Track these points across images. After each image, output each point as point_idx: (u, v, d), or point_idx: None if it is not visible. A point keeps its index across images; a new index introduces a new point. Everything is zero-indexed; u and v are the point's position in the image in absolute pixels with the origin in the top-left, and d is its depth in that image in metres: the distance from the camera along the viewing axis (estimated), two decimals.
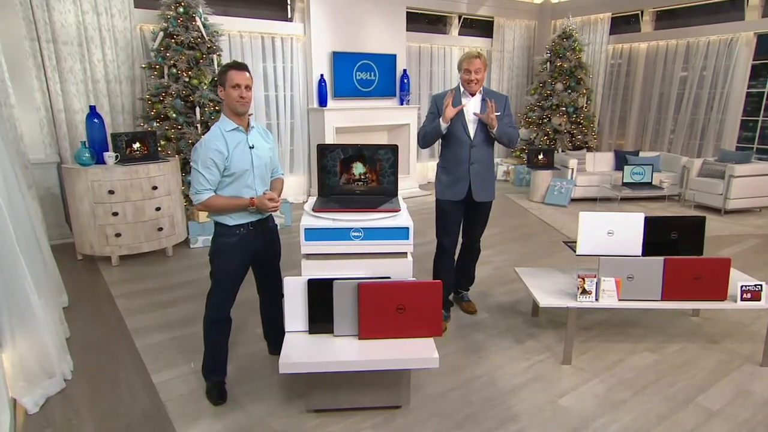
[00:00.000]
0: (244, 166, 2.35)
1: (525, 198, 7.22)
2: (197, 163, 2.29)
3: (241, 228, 2.41)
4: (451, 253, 3.30)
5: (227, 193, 2.36)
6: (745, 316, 3.45)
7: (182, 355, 2.96)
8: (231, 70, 2.30)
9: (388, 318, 2.26)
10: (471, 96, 3.11)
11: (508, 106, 3.19)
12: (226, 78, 2.29)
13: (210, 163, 2.28)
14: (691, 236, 3.08)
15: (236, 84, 2.28)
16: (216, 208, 2.35)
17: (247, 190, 2.39)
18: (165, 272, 4.31)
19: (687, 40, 7.54)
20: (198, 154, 2.29)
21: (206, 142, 2.29)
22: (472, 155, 3.12)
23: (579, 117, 8.12)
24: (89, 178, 4.23)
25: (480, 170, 3.14)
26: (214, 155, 2.27)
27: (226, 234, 2.40)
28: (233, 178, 2.35)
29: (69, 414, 2.42)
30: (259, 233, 2.48)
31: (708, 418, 2.40)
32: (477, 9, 8.41)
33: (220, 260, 2.42)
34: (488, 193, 3.21)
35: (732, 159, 6.33)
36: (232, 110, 2.34)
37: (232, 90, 2.29)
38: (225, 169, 2.32)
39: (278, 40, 6.44)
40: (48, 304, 2.68)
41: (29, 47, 4.71)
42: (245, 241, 2.42)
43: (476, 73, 3.02)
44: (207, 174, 2.29)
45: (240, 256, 2.43)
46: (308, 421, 2.37)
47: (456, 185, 3.15)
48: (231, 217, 2.39)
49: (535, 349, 3.04)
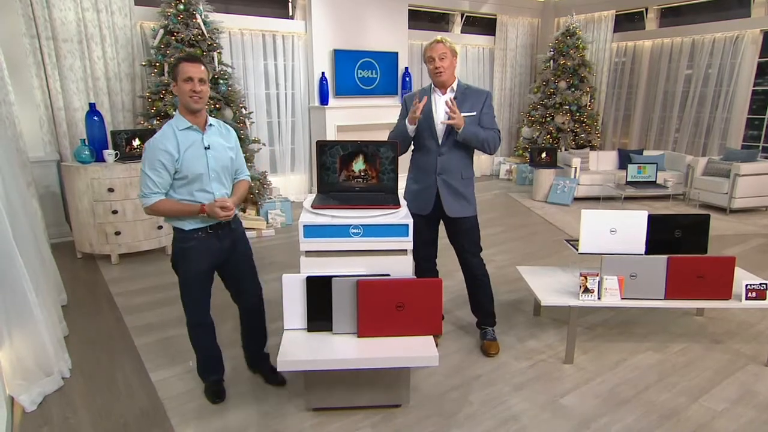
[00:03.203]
0: (197, 169, 2.16)
1: (528, 197, 7.18)
2: (144, 164, 2.12)
3: (198, 232, 2.24)
4: (427, 268, 2.97)
5: (180, 195, 2.19)
6: (750, 315, 3.41)
7: (180, 353, 2.93)
8: (183, 62, 2.12)
9: (388, 316, 2.23)
10: (442, 92, 2.75)
11: (489, 104, 2.76)
12: (178, 71, 2.11)
13: (158, 165, 2.10)
14: (695, 235, 3.04)
15: (188, 77, 2.10)
16: (165, 212, 2.18)
17: (202, 194, 2.20)
18: (164, 271, 4.29)
19: (692, 38, 7.48)
20: (146, 155, 2.12)
21: (154, 141, 2.12)
22: (440, 164, 2.74)
23: (582, 115, 8.06)
24: (89, 175, 4.21)
25: (450, 181, 2.75)
26: (162, 156, 2.10)
27: (184, 239, 2.24)
28: (186, 181, 2.17)
29: (66, 412, 2.40)
30: (220, 237, 2.30)
31: (712, 419, 2.36)
32: (480, 6, 8.37)
33: (182, 265, 2.27)
34: (463, 208, 2.79)
35: (737, 158, 6.26)
36: (185, 106, 2.16)
37: (183, 84, 2.11)
38: (176, 171, 2.14)
39: (279, 38, 6.42)
40: (46, 303, 2.67)
41: (29, 44, 4.69)
42: (205, 245, 2.26)
43: (440, 59, 2.63)
44: (154, 176, 2.11)
45: (201, 260, 2.27)
46: (307, 420, 2.34)
47: (421, 198, 2.79)
48: (187, 222, 2.22)
49: (536, 349, 3.00)
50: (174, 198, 2.20)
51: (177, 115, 2.19)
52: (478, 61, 8.69)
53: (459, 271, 3.03)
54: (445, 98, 2.70)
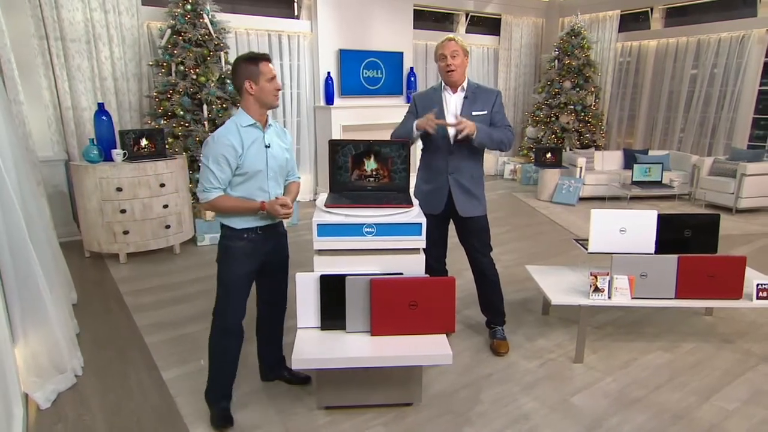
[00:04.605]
0: (257, 166, 2.17)
1: (533, 197, 7.18)
2: (207, 158, 2.11)
3: (249, 232, 2.23)
4: (437, 268, 2.97)
5: (238, 193, 2.19)
6: (760, 315, 3.41)
7: (191, 352, 2.95)
8: (262, 62, 2.13)
9: (401, 314, 2.24)
10: (453, 91, 2.75)
11: (499, 103, 2.77)
12: (259, 71, 2.11)
13: (221, 160, 2.10)
14: (704, 234, 3.04)
15: (273, 76, 2.15)
16: (224, 209, 2.18)
17: (259, 192, 2.22)
18: (173, 270, 4.31)
19: (698, 38, 7.47)
20: (209, 149, 2.11)
21: (219, 136, 2.11)
22: (451, 164, 2.75)
23: (587, 115, 8.06)
24: (97, 175, 4.23)
25: (461, 181, 2.76)
26: (226, 151, 2.09)
27: (233, 237, 2.22)
28: (245, 178, 2.17)
29: (80, 410, 2.42)
30: (268, 238, 2.30)
31: (724, 418, 2.37)
32: (484, 6, 8.37)
33: (226, 264, 2.25)
34: (475, 207, 2.81)
35: (744, 157, 6.26)
36: (267, 105, 2.18)
37: (268, 83, 2.13)
38: (237, 167, 2.14)
39: (285, 38, 6.43)
40: (58, 301, 2.68)
41: (38, 45, 4.71)
42: (252, 246, 2.25)
43: (452, 57, 2.62)
44: (217, 171, 2.11)
45: (247, 262, 2.25)
46: (319, 419, 2.35)
47: (433, 198, 2.79)
48: (239, 220, 2.21)
49: (546, 348, 3.01)
50: (231, 195, 2.19)
51: (240, 112, 2.19)
52: (483, 60, 8.69)
53: (468, 270, 3.04)
54: (457, 97, 2.74)
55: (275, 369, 2.64)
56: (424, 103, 2.81)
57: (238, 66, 2.14)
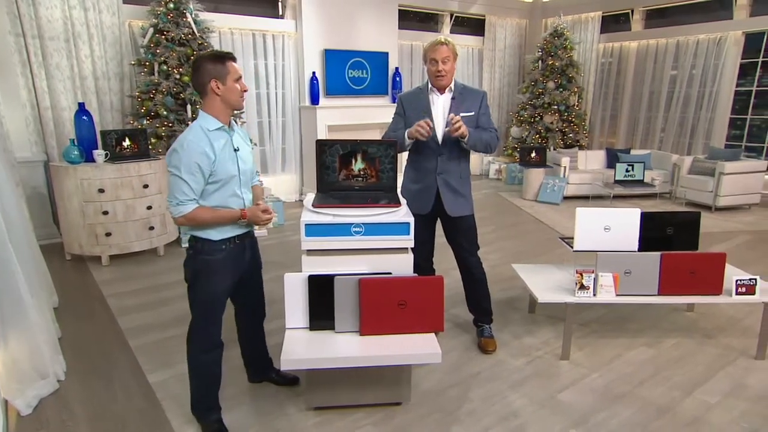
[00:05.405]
0: (231, 172, 2.04)
1: (518, 196, 7.25)
2: (179, 168, 1.93)
3: (227, 242, 2.09)
4: (424, 267, 2.95)
5: (212, 202, 2.04)
6: (739, 311, 3.49)
7: (177, 354, 2.90)
8: (229, 60, 2.00)
9: (390, 313, 2.24)
10: (440, 93, 2.75)
11: (485, 104, 2.78)
12: (226, 70, 1.98)
13: (195, 169, 1.93)
14: (686, 232, 3.10)
15: (240, 76, 2.04)
16: (202, 221, 2.01)
17: (233, 199, 2.09)
18: (157, 272, 4.25)
19: (677, 39, 7.63)
20: (179, 158, 1.93)
21: (189, 143, 1.94)
22: (440, 165, 2.75)
23: (570, 115, 8.17)
24: (78, 176, 4.15)
25: (450, 181, 2.77)
26: (199, 159, 1.93)
27: (211, 251, 2.07)
28: (219, 186, 2.02)
29: (63, 415, 2.37)
30: (246, 247, 2.21)
31: (706, 411, 2.42)
32: (469, 7, 8.42)
33: (204, 282, 2.09)
34: (463, 207, 2.82)
35: (721, 156, 6.41)
36: (233, 106, 2.05)
37: (235, 83, 2.01)
38: (211, 174, 1.98)
39: (269, 38, 6.39)
40: (39, 304, 2.62)
41: (14, 43, 4.61)
42: (233, 257, 2.13)
43: (444, 62, 2.62)
44: (192, 182, 1.94)
45: (228, 274, 2.14)
46: (308, 419, 2.34)
47: (421, 197, 2.79)
48: (216, 231, 2.06)
49: (533, 345, 3.04)
50: (206, 206, 2.04)
51: (204, 114, 2.03)
52: (467, 61, 8.74)
53: (455, 269, 3.06)
54: (444, 98, 2.73)
55: (263, 371, 2.62)
56: (410, 104, 2.82)
57: (203, 65, 1.98)
